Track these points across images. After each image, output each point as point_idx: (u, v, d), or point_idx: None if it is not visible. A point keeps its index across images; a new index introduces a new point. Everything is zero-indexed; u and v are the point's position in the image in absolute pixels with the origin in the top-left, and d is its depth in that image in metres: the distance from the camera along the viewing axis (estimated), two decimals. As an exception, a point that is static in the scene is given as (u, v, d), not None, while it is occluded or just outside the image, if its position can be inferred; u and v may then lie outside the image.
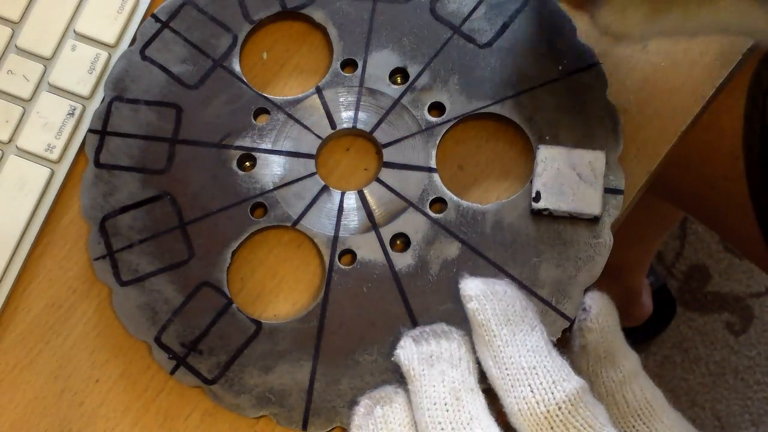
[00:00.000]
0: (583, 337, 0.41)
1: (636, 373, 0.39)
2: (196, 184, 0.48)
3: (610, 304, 0.40)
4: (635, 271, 1.16)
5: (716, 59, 0.50)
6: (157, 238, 0.47)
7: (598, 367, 0.39)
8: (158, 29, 0.51)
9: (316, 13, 0.51)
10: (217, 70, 0.50)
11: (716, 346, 1.29)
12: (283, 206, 0.48)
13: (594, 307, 0.39)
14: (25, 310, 0.48)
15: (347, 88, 0.49)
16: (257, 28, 0.51)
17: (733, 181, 0.64)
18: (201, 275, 0.47)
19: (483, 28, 0.50)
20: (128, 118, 0.49)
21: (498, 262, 0.46)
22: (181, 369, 0.45)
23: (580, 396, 0.36)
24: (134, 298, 0.46)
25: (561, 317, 0.45)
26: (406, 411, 0.38)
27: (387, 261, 0.46)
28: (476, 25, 0.50)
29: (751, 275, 1.32)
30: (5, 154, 0.50)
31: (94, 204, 0.48)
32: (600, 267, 0.45)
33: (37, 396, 0.47)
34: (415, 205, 0.47)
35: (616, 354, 0.39)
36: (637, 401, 0.39)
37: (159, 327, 0.46)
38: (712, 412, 1.26)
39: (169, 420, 0.46)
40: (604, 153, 0.46)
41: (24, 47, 0.51)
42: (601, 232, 0.46)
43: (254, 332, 0.45)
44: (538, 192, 0.46)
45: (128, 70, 0.50)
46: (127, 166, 0.48)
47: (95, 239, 0.47)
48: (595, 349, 0.39)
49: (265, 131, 0.49)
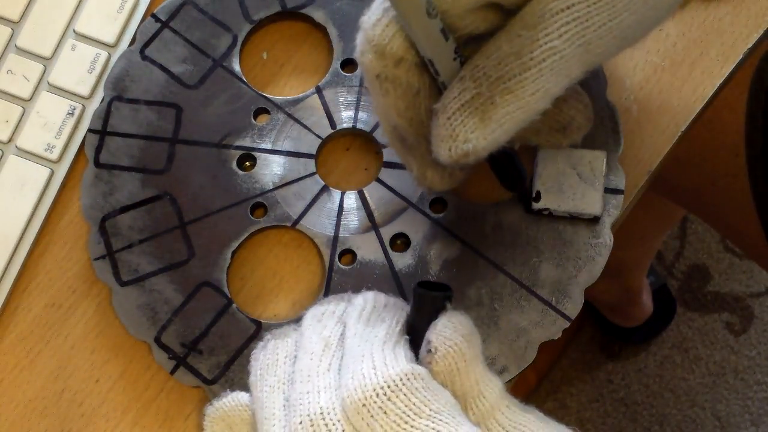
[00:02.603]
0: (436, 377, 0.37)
1: (503, 398, 0.37)
2: (196, 184, 0.48)
3: (461, 336, 0.36)
4: (635, 271, 1.16)
5: (716, 59, 0.50)
6: (157, 238, 0.47)
7: (461, 399, 0.37)
8: (158, 29, 0.51)
9: (316, 13, 0.51)
10: (217, 70, 0.50)
11: (716, 346, 1.29)
12: (283, 206, 0.47)
13: (440, 349, 0.36)
14: (25, 310, 0.48)
15: (347, 87, 0.49)
16: (257, 27, 0.51)
17: (735, 177, 0.64)
18: (201, 275, 0.46)
19: (483, 28, 0.49)
20: (128, 118, 0.49)
21: (498, 262, 0.46)
22: (181, 369, 0.45)
23: (404, 381, 0.35)
24: (134, 298, 0.46)
25: (561, 317, 0.45)
26: (295, 347, 0.39)
27: (387, 261, 0.46)
28: (476, 25, 0.50)
29: (751, 275, 1.32)
30: (5, 154, 0.50)
31: (94, 204, 0.48)
32: (600, 267, 0.45)
33: (38, 396, 0.47)
34: (415, 205, 0.47)
35: (473, 387, 0.37)
36: (510, 425, 0.37)
37: (159, 327, 0.46)
38: (712, 412, 1.26)
39: (169, 420, 0.46)
40: (604, 153, 0.46)
41: (24, 47, 0.51)
42: (601, 232, 0.46)
43: (254, 332, 0.45)
44: (538, 192, 0.46)
45: (128, 69, 0.50)
46: (127, 166, 0.48)
47: (95, 239, 0.47)
48: (451, 386, 0.37)
49: (265, 131, 0.49)
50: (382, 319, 0.39)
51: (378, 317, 0.39)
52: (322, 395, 0.36)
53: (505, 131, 0.37)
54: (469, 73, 0.37)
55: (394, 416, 0.35)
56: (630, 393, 1.27)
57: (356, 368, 0.36)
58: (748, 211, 0.63)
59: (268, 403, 0.38)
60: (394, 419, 0.35)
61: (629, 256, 1.07)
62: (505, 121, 0.36)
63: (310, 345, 0.38)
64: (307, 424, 0.35)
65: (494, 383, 0.38)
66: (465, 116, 0.36)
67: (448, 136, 0.37)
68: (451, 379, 0.37)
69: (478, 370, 0.37)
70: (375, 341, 0.37)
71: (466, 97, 0.36)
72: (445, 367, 0.36)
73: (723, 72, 0.50)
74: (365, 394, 0.35)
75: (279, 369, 0.39)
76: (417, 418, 0.35)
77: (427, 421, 0.35)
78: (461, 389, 0.37)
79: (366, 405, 0.35)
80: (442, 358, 0.36)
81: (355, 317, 0.39)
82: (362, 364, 0.36)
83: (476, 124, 0.36)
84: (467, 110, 0.36)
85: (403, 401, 0.35)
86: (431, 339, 0.37)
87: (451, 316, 0.37)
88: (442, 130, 0.37)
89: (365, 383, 0.35)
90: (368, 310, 0.39)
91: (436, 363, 0.36)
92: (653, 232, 1.02)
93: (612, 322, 1.27)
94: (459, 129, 0.36)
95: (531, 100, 0.36)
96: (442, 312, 0.38)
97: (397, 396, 0.35)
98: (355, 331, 0.38)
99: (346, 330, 0.38)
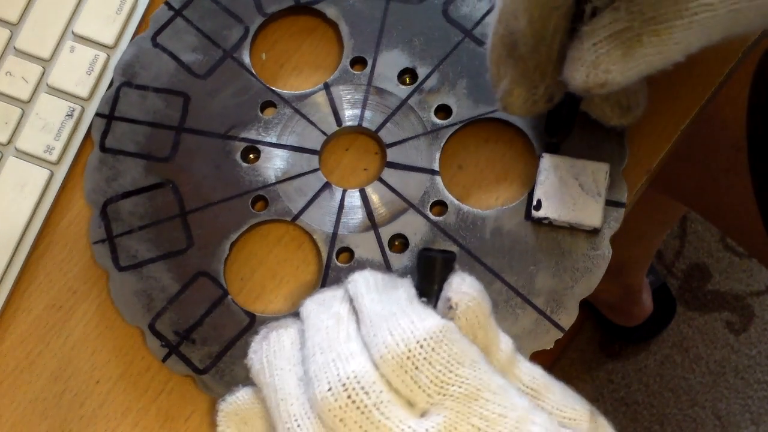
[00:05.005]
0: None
1: (515, 352, 0.38)
2: (199, 173, 0.48)
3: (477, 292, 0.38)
4: (635, 270, 1.15)
5: (716, 57, 0.49)
6: (158, 225, 0.47)
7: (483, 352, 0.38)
8: (171, 17, 0.51)
9: (329, 9, 0.51)
10: (227, 61, 0.50)
11: (716, 345, 1.29)
12: (284, 200, 0.48)
13: (460, 305, 0.37)
14: (25, 312, 0.48)
15: (355, 85, 0.49)
16: (269, 21, 0.51)
17: (736, 173, 0.63)
18: (198, 265, 0.47)
19: (494, 32, 0.49)
20: (136, 104, 0.49)
21: (495, 269, 0.46)
22: (173, 357, 0.45)
23: (443, 333, 0.35)
24: (131, 284, 0.46)
25: (555, 327, 0.44)
26: (300, 335, 0.39)
27: (384, 261, 0.46)
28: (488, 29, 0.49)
29: (751, 274, 1.31)
30: (4, 156, 0.50)
31: (97, 188, 0.48)
32: (597, 279, 0.45)
33: (38, 397, 0.47)
34: (416, 207, 0.47)
35: (493, 340, 0.38)
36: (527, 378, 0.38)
37: (154, 314, 0.46)
38: (713, 411, 1.26)
39: (170, 421, 0.46)
40: (607, 165, 0.46)
41: (23, 49, 0.51)
42: (600, 244, 0.45)
43: (248, 324, 0.46)
44: (539, 200, 0.46)
45: (139, 56, 0.50)
46: (132, 152, 0.49)
47: (96, 223, 0.48)
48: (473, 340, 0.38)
49: (270, 124, 0.49)
50: (393, 286, 0.39)
51: (388, 284, 0.39)
52: (351, 360, 0.35)
53: (639, 72, 0.37)
54: (625, 5, 0.37)
55: (440, 366, 0.35)
56: (630, 392, 1.27)
57: (392, 325, 0.36)
58: (750, 208, 0.62)
59: (282, 384, 0.37)
60: (439, 369, 0.35)
61: (629, 256, 1.07)
62: (643, 63, 0.37)
63: (320, 323, 0.38)
64: (338, 389, 0.35)
65: (506, 338, 0.38)
66: (611, 46, 0.37)
67: (590, 62, 0.37)
68: (473, 332, 0.37)
69: (494, 324, 0.38)
70: (400, 301, 0.37)
71: (616, 27, 0.37)
72: (467, 322, 0.37)
73: (722, 71, 0.49)
74: (408, 347, 0.35)
75: (287, 353, 0.38)
76: (460, 366, 0.35)
77: (470, 370, 0.35)
78: (483, 342, 0.37)
79: (411, 357, 0.35)
80: (463, 313, 0.37)
81: (364, 288, 0.38)
82: (398, 321, 0.36)
83: (619, 57, 0.37)
84: (615, 41, 0.37)
85: (447, 351, 0.35)
86: (450, 296, 0.37)
87: (461, 275, 0.38)
88: (585, 54, 0.37)
89: (407, 336, 0.35)
90: (377, 280, 0.39)
91: (458, 318, 0.37)
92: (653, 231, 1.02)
93: (612, 322, 1.27)
94: (603, 58, 0.37)
95: (672, 49, 0.37)
96: (451, 273, 0.38)
97: (440, 347, 0.35)
98: (371, 298, 0.38)
99: (357, 302, 0.38)
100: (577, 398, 0.38)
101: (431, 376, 0.35)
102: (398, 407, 0.35)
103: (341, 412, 0.34)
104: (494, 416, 0.34)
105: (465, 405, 0.35)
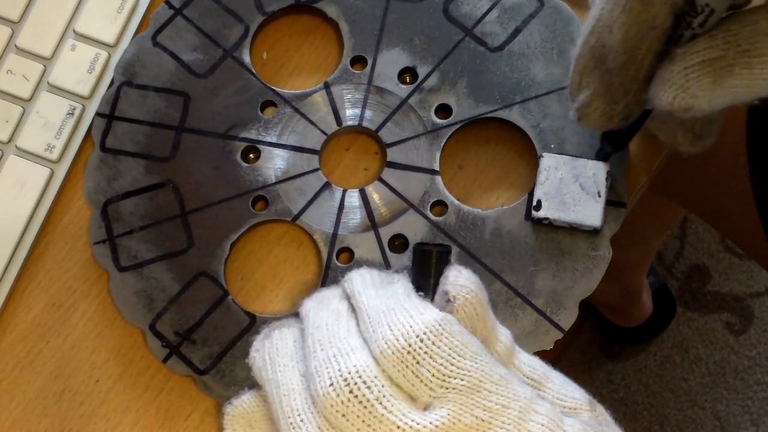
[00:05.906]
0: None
1: (514, 344, 0.39)
2: (199, 173, 0.48)
3: (474, 284, 0.38)
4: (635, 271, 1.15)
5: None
6: (158, 225, 0.47)
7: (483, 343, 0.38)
8: (171, 16, 0.51)
9: (329, 8, 0.51)
10: (227, 60, 0.50)
11: (716, 346, 1.29)
12: (284, 200, 0.48)
13: (458, 297, 0.37)
14: (25, 310, 0.48)
15: (355, 85, 0.49)
16: (269, 20, 0.51)
17: (736, 177, 0.63)
18: (199, 265, 0.47)
19: (495, 31, 0.49)
20: (136, 104, 0.49)
21: (495, 269, 0.46)
22: (174, 358, 0.45)
23: (443, 325, 0.36)
24: (131, 284, 0.47)
25: (554, 328, 0.44)
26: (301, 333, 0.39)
27: (384, 261, 0.46)
28: (489, 28, 0.49)
29: (750, 275, 1.31)
30: (5, 154, 0.50)
31: (98, 188, 0.48)
32: (597, 280, 0.45)
33: (38, 396, 0.47)
34: (416, 207, 0.47)
35: (491, 332, 0.38)
36: (526, 369, 0.38)
37: (154, 314, 0.46)
38: (712, 412, 1.26)
39: (170, 420, 0.46)
40: (608, 164, 0.46)
41: (24, 47, 0.51)
42: (600, 244, 0.45)
43: (248, 325, 0.46)
44: (539, 200, 0.45)
45: (139, 55, 0.50)
46: (132, 152, 0.49)
47: (96, 223, 0.48)
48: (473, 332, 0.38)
49: (270, 124, 0.49)
50: (390, 282, 0.39)
51: (384, 280, 0.39)
52: (351, 356, 0.36)
53: (723, 102, 0.37)
54: (722, 35, 0.37)
55: (441, 359, 0.35)
56: (630, 393, 1.27)
57: (390, 320, 0.36)
58: (750, 211, 0.62)
59: (284, 380, 0.38)
60: (441, 362, 0.35)
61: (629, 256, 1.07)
62: (729, 94, 0.37)
63: (320, 320, 0.38)
64: (340, 384, 0.35)
65: (505, 329, 0.39)
66: (702, 73, 0.37)
67: (679, 85, 0.37)
68: (472, 325, 0.37)
69: (492, 316, 0.38)
70: (398, 296, 0.37)
71: (711, 54, 0.37)
72: (466, 314, 0.37)
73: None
74: (408, 341, 0.35)
75: (289, 350, 0.39)
76: (462, 359, 0.35)
77: (471, 362, 0.35)
78: (482, 334, 0.38)
79: (411, 352, 0.35)
80: (462, 306, 0.37)
81: (361, 286, 0.39)
82: (396, 316, 0.36)
83: (708, 84, 0.36)
84: (707, 68, 0.37)
85: (447, 344, 0.35)
86: (448, 289, 0.37)
87: (457, 267, 0.38)
88: (675, 76, 0.37)
89: (407, 331, 0.35)
90: (373, 276, 0.39)
91: (457, 311, 0.37)
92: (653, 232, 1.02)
93: (612, 322, 1.27)
94: (692, 83, 0.37)
95: (761, 84, 0.37)
96: (447, 266, 0.38)
97: (440, 340, 0.35)
98: (368, 294, 0.38)
99: (355, 299, 0.39)
100: (576, 387, 0.39)
101: (433, 369, 0.35)
102: (401, 401, 0.35)
103: (343, 407, 0.35)
104: (497, 407, 0.35)
105: (468, 397, 0.35)
